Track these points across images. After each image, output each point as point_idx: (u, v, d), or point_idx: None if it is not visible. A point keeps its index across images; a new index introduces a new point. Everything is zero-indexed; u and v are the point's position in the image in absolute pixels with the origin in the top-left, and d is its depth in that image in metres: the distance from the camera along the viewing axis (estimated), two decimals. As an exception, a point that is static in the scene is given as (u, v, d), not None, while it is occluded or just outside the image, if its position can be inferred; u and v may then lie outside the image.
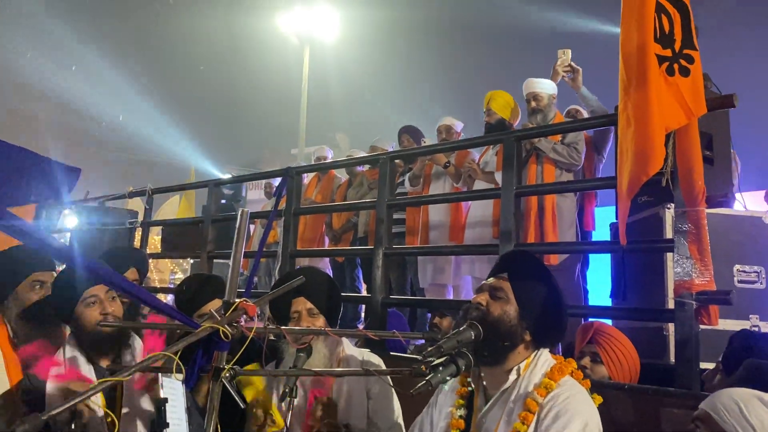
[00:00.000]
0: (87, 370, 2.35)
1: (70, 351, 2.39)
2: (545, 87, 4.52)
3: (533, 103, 4.48)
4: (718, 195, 2.48)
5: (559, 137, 4.26)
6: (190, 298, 2.74)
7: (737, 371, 2.10)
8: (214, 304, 2.60)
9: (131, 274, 3.28)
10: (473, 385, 1.99)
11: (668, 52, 2.21)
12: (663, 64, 2.19)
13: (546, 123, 4.37)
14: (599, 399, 1.89)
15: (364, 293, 5.72)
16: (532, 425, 1.79)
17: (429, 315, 5.35)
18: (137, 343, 2.51)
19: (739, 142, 3.24)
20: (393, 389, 2.55)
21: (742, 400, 1.43)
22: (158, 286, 7.79)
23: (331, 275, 4.77)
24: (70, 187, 6.66)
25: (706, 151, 2.59)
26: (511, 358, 1.89)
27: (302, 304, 2.53)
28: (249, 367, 2.18)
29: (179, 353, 1.64)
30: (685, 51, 2.21)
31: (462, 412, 1.99)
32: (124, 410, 2.26)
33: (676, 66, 2.20)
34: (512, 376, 1.89)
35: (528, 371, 1.89)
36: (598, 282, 4.41)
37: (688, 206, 2.37)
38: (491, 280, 1.98)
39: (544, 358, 1.92)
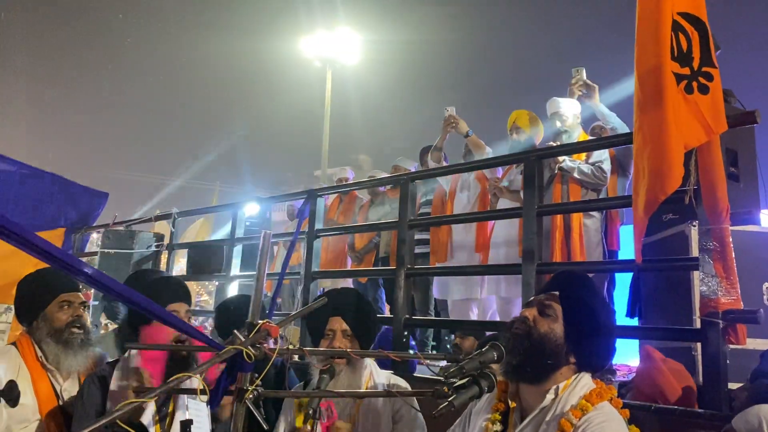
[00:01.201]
0: None
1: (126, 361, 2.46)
2: (569, 106, 4.51)
3: (558, 123, 4.47)
4: (742, 212, 2.44)
5: (583, 156, 4.23)
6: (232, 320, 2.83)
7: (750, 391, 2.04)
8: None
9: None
10: (510, 402, 1.97)
11: (686, 71, 2.20)
12: (681, 83, 2.18)
13: (571, 142, 4.35)
14: (636, 430, 1.86)
15: (387, 314, 5.71)
16: None
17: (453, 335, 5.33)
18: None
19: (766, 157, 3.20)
20: (420, 416, 2.54)
21: (765, 416, 1.39)
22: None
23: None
24: (97, 212, 6.83)
25: (731, 168, 2.57)
26: (552, 378, 1.86)
27: (338, 324, 2.58)
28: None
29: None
30: (704, 69, 2.20)
31: (498, 427, 1.96)
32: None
33: (695, 84, 2.20)
34: (550, 396, 1.86)
35: (566, 392, 1.85)
36: (619, 302, 4.36)
37: (713, 224, 2.34)
38: (542, 296, 1.94)
39: (585, 382, 1.88)
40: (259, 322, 1.77)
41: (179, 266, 7.78)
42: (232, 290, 5.20)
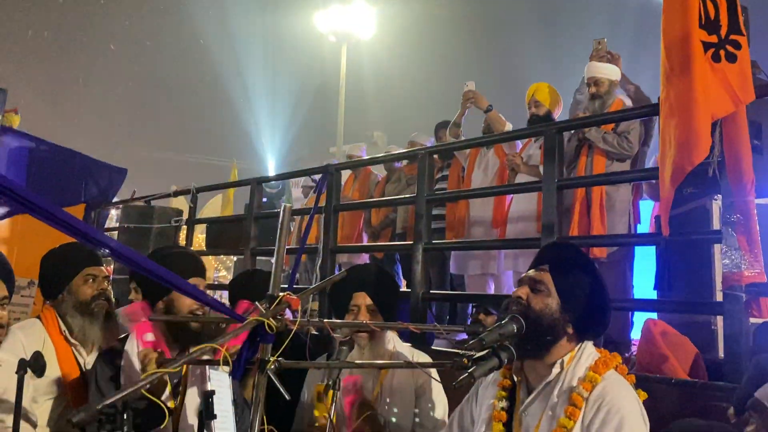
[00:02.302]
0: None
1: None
2: (608, 72, 4.39)
3: (593, 88, 4.36)
4: (768, 185, 2.40)
5: (612, 126, 4.15)
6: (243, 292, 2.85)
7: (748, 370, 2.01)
8: None
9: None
10: (515, 378, 1.98)
11: (714, 38, 2.15)
12: (709, 51, 2.13)
13: (604, 110, 4.25)
14: (644, 395, 1.86)
15: (403, 289, 5.73)
16: (579, 421, 1.77)
17: (470, 309, 5.33)
18: None
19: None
20: (441, 389, 2.56)
21: None
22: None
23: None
24: (117, 188, 6.88)
25: (754, 141, 2.52)
26: (554, 351, 1.87)
27: (362, 299, 2.61)
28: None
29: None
30: (732, 37, 2.15)
31: (504, 404, 1.97)
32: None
33: (722, 52, 2.15)
34: (555, 369, 1.86)
35: (572, 364, 1.86)
36: (639, 276, 4.32)
37: (737, 196, 2.30)
38: (531, 272, 1.95)
39: (589, 351, 1.89)
40: (280, 294, 1.79)
41: (198, 242, 7.85)
42: (251, 266, 5.23)
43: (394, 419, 2.49)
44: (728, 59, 2.13)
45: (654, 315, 3.63)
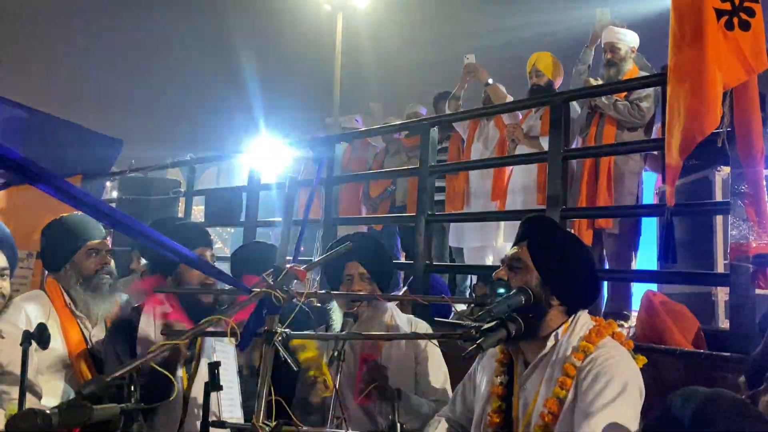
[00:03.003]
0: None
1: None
2: (626, 38, 4.30)
3: (609, 54, 4.27)
4: (778, 155, 2.37)
5: (624, 94, 4.08)
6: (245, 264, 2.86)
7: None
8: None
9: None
10: (512, 354, 1.99)
11: (727, 6, 2.10)
12: (722, 19, 2.09)
13: (619, 77, 4.19)
14: (642, 359, 1.86)
15: (402, 261, 5.73)
16: (572, 390, 1.78)
17: (469, 281, 5.35)
18: None
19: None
20: (441, 357, 2.57)
21: None
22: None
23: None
24: (113, 159, 6.82)
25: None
26: (545, 324, 1.87)
27: (355, 269, 2.59)
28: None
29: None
30: (746, 4, 2.10)
31: (502, 378, 1.98)
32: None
33: (735, 20, 2.10)
34: (550, 342, 1.87)
35: (566, 335, 1.86)
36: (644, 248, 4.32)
37: (746, 167, 2.28)
38: (511, 250, 1.96)
39: (583, 321, 1.89)
40: (287, 265, 1.77)
41: (195, 213, 7.82)
42: (249, 238, 5.21)
43: (394, 387, 2.51)
44: (741, 27, 2.09)
45: (654, 287, 3.65)
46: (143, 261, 3.79)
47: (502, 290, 1.90)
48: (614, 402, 1.68)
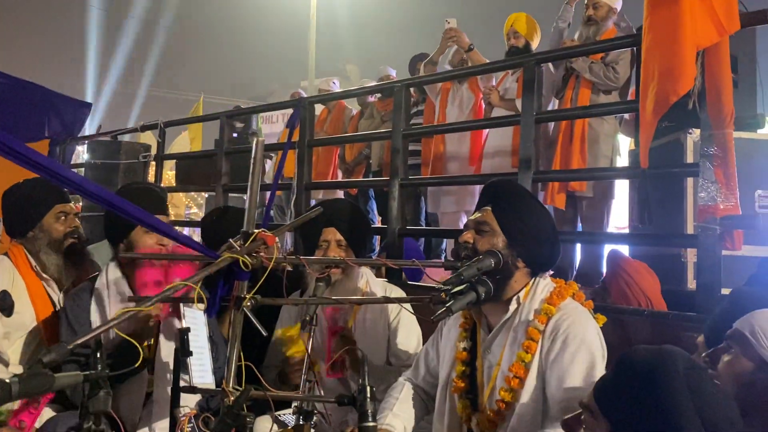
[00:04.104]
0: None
1: (113, 272, 2.47)
2: None
3: (590, 11, 4.21)
4: (747, 116, 2.39)
5: (601, 56, 4.06)
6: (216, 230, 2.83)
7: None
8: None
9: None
10: (475, 318, 2.00)
11: (701, -35, 2.08)
12: (695, -22, 2.06)
13: (597, 37, 4.14)
14: (602, 319, 1.90)
15: (378, 225, 5.73)
16: (537, 353, 1.81)
17: (444, 245, 5.37)
18: None
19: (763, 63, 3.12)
20: (415, 321, 2.59)
21: (758, 323, 1.40)
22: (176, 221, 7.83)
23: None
24: (82, 122, 6.66)
25: (731, 74, 2.49)
26: (509, 288, 1.89)
27: (332, 234, 2.60)
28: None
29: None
30: (720, -37, 2.08)
31: (466, 344, 2.01)
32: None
33: (709, -21, 2.08)
34: (512, 306, 1.89)
35: (528, 299, 1.89)
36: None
37: (716, 129, 2.29)
38: (476, 214, 1.96)
39: (544, 284, 1.91)
40: (255, 231, 1.75)
41: (168, 178, 7.70)
42: (223, 203, 5.15)
43: (367, 352, 2.52)
44: (715, -13, 2.07)
45: (626, 248, 3.69)
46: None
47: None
48: (587, 376, 1.72)
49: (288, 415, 2.38)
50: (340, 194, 6.14)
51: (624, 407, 1.19)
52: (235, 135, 7.13)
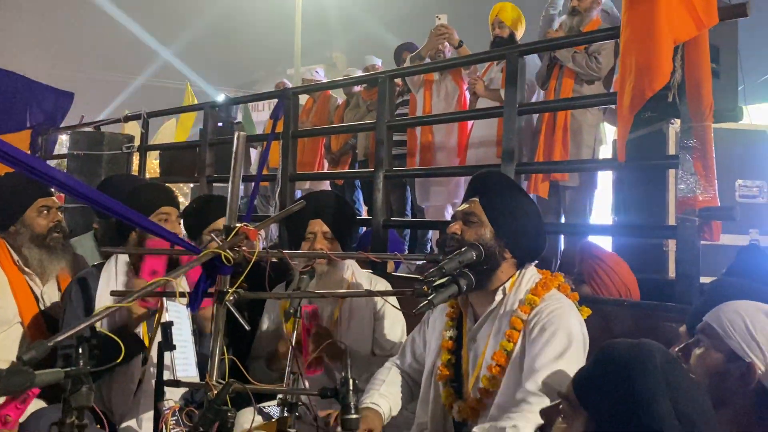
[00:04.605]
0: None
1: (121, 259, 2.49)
2: None
3: (575, 2, 4.20)
4: (724, 109, 2.41)
5: (584, 46, 4.05)
6: (197, 217, 2.84)
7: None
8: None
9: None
10: (462, 308, 2.02)
11: (679, -41, 2.09)
12: (674, -28, 2.07)
13: (581, 27, 4.15)
14: (587, 311, 1.92)
15: (364, 216, 5.73)
16: (519, 342, 1.83)
17: (429, 235, 5.38)
18: None
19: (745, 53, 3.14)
20: (399, 312, 2.60)
21: (748, 315, 1.42)
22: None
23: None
24: (64, 112, 6.59)
25: (712, 64, 2.51)
26: (496, 278, 1.91)
27: (318, 226, 2.60)
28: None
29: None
30: (698, -43, 2.09)
31: (452, 333, 2.04)
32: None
33: (687, -27, 2.09)
34: (498, 296, 1.91)
35: (514, 289, 1.91)
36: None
37: (695, 121, 2.31)
38: (463, 206, 1.98)
39: (530, 275, 1.94)
40: (237, 225, 1.75)
41: (152, 167, 7.65)
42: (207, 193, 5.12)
43: (353, 343, 2.54)
44: (693, -19, 2.09)
45: (609, 239, 3.73)
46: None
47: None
48: (560, 356, 1.74)
49: (273, 407, 2.39)
50: (326, 184, 6.13)
51: (602, 399, 1.21)
52: (220, 124, 7.09)
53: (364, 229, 4.71)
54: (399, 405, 2.15)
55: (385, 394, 2.11)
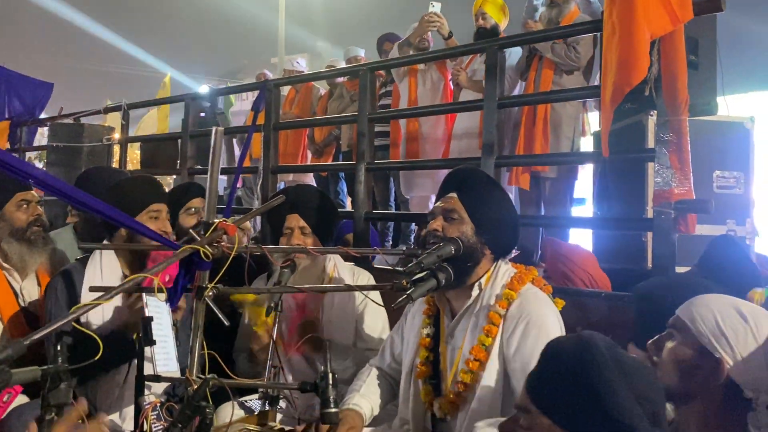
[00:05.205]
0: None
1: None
2: None
3: None
4: (700, 102, 2.45)
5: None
6: (174, 199, 2.89)
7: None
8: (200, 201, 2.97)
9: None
10: (439, 305, 2.03)
11: (656, -46, 2.11)
12: (650, -33, 2.09)
13: (559, 19, 4.16)
14: (561, 303, 1.95)
15: (348, 207, 5.73)
16: (497, 337, 1.85)
17: (413, 227, 5.39)
18: None
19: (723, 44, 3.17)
20: (382, 306, 2.62)
21: (719, 310, 1.42)
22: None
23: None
24: (43, 103, 6.51)
25: (691, 56, 2.54)
26: (474, 273, 1.92)
27: (295, 221, 2.59)
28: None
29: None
30: (674, -47, 2.11)
31: (429, 330, 2.05)
32: None
33: (663, -31, 2.11)
34: (474, 292, 1.93)
35: (489, 284, 1.92)
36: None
37: (671, 115, 2.35)
38: (441, 202, 1.98)
39: (504, 269, 1.95)
40: (216, 220, 1.74)
41: (134, 158, 7.59)
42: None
43: (335, 333, 2.55)
44: (669, -24, 2.11)
45: (588, 231, 3.77)
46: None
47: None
48: None
49: (254, 401, 2.40)
50: (309, 176, 6.12)
51: (561, 400, 1.20)
52: (202, 115, 7.04)
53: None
54: (380, 404, 2.17)
55: (365, 395, 2.13)
